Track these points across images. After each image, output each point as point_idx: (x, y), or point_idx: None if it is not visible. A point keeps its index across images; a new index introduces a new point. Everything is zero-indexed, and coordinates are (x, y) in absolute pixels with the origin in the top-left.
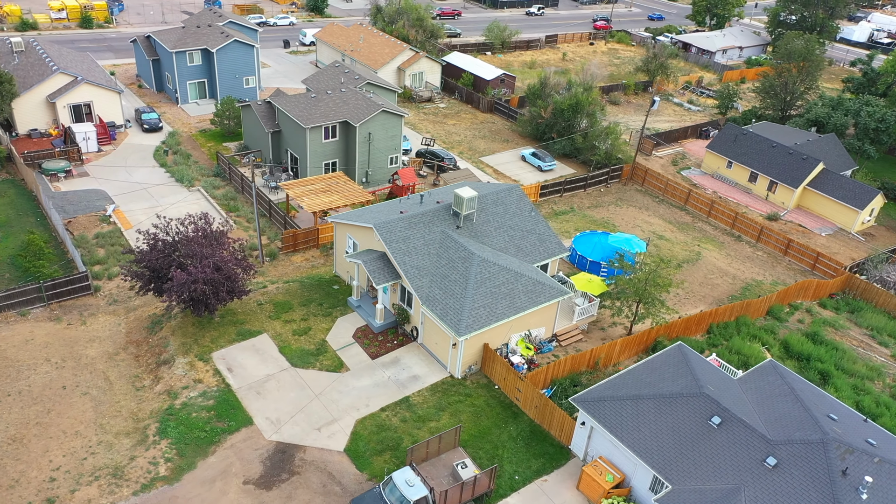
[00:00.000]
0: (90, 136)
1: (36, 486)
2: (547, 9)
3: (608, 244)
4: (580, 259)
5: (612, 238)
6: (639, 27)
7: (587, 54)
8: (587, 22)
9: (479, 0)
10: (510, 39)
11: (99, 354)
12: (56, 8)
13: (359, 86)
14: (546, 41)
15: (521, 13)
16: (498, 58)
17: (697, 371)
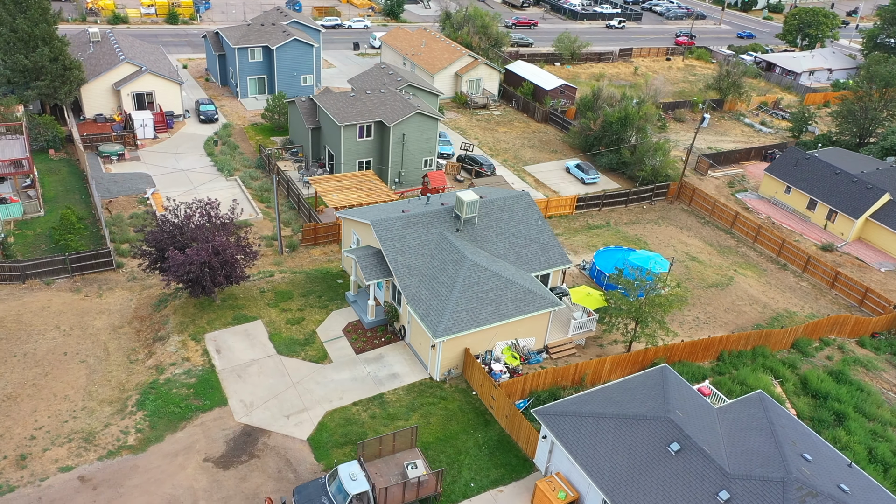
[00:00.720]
0: (147, 123)
1: (16, 442)
2: (630, 22)
3: (628, 261)
4: (598, 274)
5: (634, 255)
6: (723, 44)
7: (661, 69)
8: (669, 37)
9: (559, 11)
10: (580, 51)
11: (105, 326)
12: (146, 4)
13: (399, 87)
14: (620, 54)
15: (601, 26)
16: (566, 69)
17: (671, 395)
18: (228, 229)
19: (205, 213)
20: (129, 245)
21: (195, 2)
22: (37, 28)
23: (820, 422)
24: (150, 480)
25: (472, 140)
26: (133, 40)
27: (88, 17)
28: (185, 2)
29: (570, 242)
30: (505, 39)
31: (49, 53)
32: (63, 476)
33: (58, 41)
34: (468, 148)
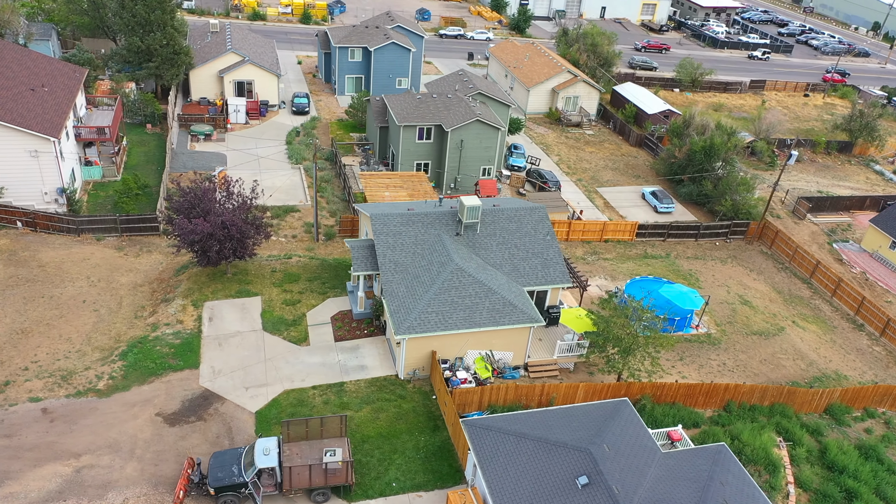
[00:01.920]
0: (240, 109)
1: (10, 370)
2: (777, 55)
3: (658, 293)
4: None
5: (666, 288)
6: (879, 85)
7: (794, 105)
8: (818, 73)
9: (699, 38)
10: (702, 78)
11: (128, 283)
12: (284, 4)
13: (469, 94)
14: (750, 86)
15: (743, 56)
16: (685, 96)
17: (610, 430)
18: (245, 207)
19: (223, 189)
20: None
21: (329, 5)
22: (152, 14)
23: (824, 496)
24: (102, 423)
25: (554, 157)
26: (248, 34)
27: (232, 11)
28: (320, 4)
29: (613, 268)
30: (615, 60)
31: (161, 38)
32: (30, 405)
33: (170, 27)
34: (534, 162)
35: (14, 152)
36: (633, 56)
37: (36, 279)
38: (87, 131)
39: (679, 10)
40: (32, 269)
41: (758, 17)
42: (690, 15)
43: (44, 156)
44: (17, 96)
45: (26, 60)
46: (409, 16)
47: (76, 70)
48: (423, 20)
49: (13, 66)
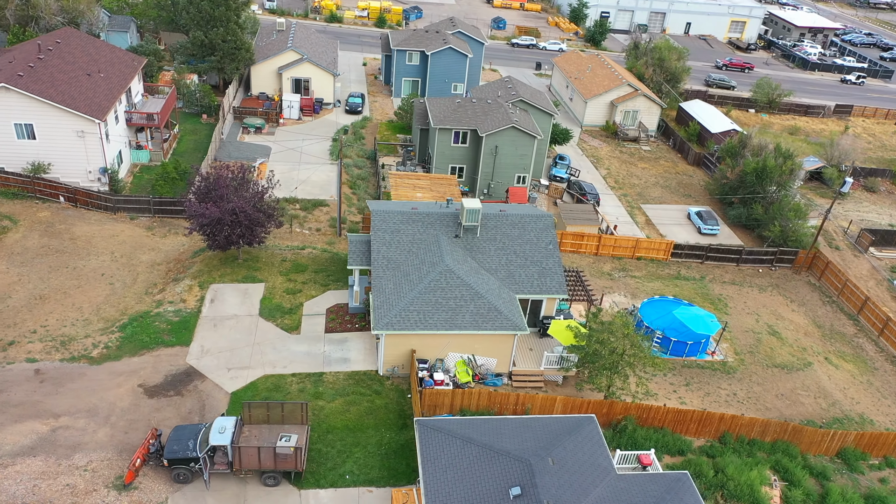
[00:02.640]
0: (294, 105)
1: (20, 331)
2: (875, 80)
3: (672, 315)
4: (638, 323)
5: (681, 310)
6: None
7: (882, 133)
8: None
9: (789, 58)
10: (779, 100)
11: (147, 261)
12: (361, 7)
13: (510, 101)
14: (835, 110)
15: (835, 79)
16: (760, 117)
17: (562, 444)
18: (258, 196)
19: (238, 177)
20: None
21: (406, 10)
22: (216, 10)
23: None
24: (87, 388)
25: (603, 170)
26: (312, 33)
27: (311, 13)
28: (395, 9)
29: (638, 286)
30: (683, 75)
31: (223, 33)
32: (25, 365)
33: (233, 24)
34: (575, 174)
35: (62, 131)
36: (710, 74)
37: (65, 250)
38: (138, 117)
39: (772, 28)
40: (64, 240)
41: (860, 39)
42: (783, 35)
43: (89, 136)
44: (73, 80)
45: (89, 48)
46: (485, 24)
47: (134, 59)
48: (498, 28)
49: (76, 52)
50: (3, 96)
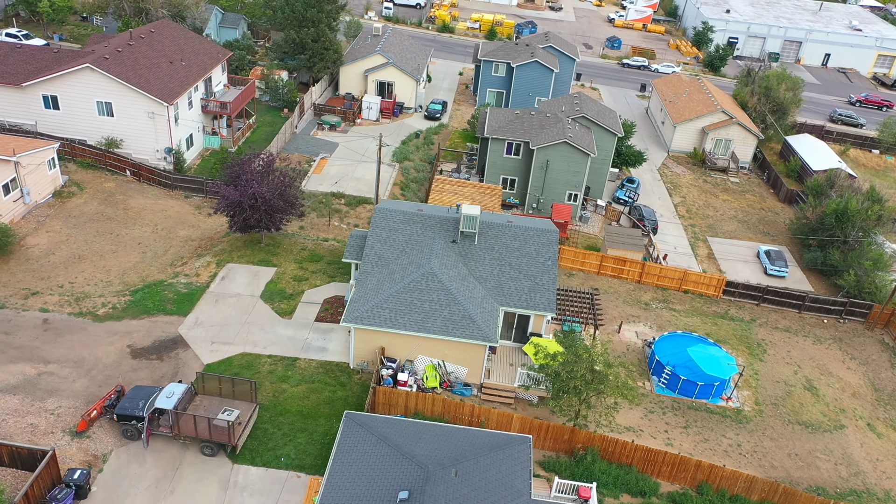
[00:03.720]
0: (373, 107)
1: (49, 283)
2: None
3: (686, 352)
4: (657, 364)
5: (697, 349)
6: None
7: None
8: None
9: None
10: None
11: (183, 236)
12: (473, 19)
13: (572, 116)
14: None
15: None
16: (885, 159)
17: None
18: (281, 184)
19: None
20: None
21: (519, 25)
22: (308, 12)
23: None
24: (82, 342)
25: (677, 198)
26: (405, 39)
27: (425, 22)
28: (508, 22)
29: (672, 319)
30: (791, 107)
31: (314, 33)
32: (37, 314)
33: (324, 25)
34: (635, 198)
35: (136, 111)
36: (836, 109)
37: (115, 219)
38: (213, 105)
39: None
40: (118, 210)
41: None
42: None
43: (158, 118)
44: (154, 66)
45: (179, 39)
46: (598, 42)
47: (220, 52)
48: (612, 48)
49: (165, 41)
50: (88, 76)
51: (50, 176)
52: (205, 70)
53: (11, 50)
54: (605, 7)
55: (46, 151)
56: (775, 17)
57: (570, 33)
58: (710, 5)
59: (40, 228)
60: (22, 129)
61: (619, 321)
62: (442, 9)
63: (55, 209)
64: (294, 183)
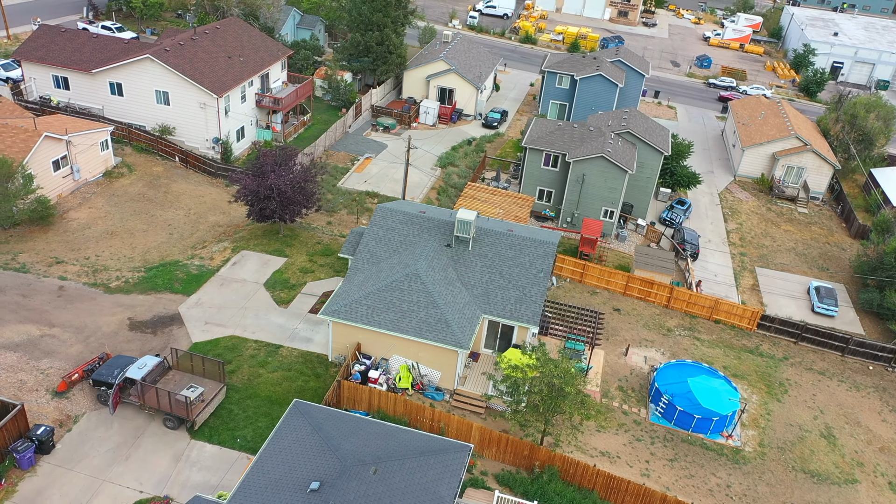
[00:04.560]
0: (430, 112)
1: (76, 255)
2: None
3: (686, 382)
4: (656, 393)
5: (697, 379)
6: None
7: None
8: None
9: None
10: None
11: (213, 221)
12: (557, 31)
13: (617, 132)
14: None
15: None
16: None
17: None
18: (299, 178)
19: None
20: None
21: (604, 39)
22: (374, 16)
23: None
24: (88, 310)
25: (733, 224)
26: (473, 46)
27: (508, 33)
28: (592, 36)
29: (692, 348)
30: (879, 137)
31: (377, 37)
32: (55, 280)
33: (388, 29)
34: (681, 221)
35: (189, 101)
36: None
37: (154, 200)
38: (267, 100)
39: None
40: (159, 193)
41: None
42: None
43: (209, 109)
44: (212, 60)
45: (243, 35)
46: (687, 60)
47: (280, 50)
48: (701, 67)
49: (228, 37)
50: (147, 66)
51: (102, 156)
52: (261, 66)
53: (88, 39)
54: (703, 25)
55: (99, 133)
56: (889, 43)
57: (660, 50)
58: (817, 27)
59: (84, 204)
60: (90, 113)
61: (627, 343)
62: (530, 20)
63: (102, 188)
64: (314, 178)
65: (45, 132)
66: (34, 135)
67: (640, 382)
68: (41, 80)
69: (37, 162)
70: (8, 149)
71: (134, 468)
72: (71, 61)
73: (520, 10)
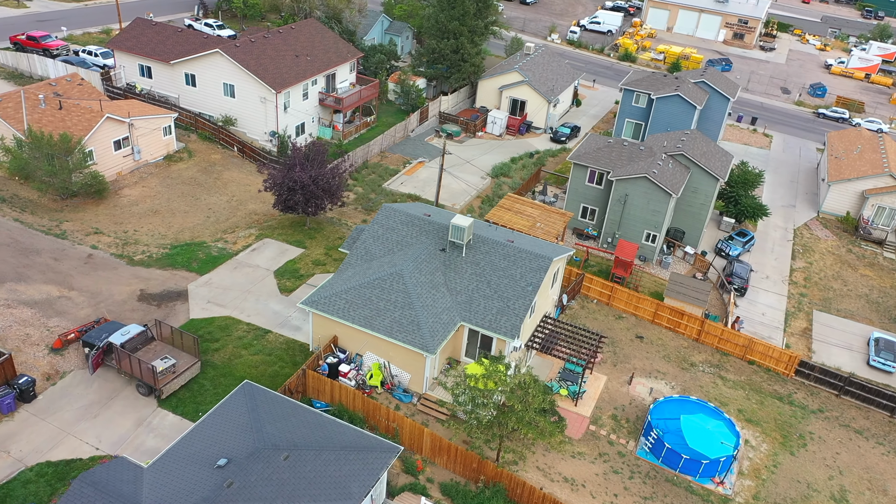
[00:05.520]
0: (497, 122)
1: (117, 227)
2: None
3: (677, 420)
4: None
5: (692, 417)
6: None
7: None
8: None
9: None
10: None
11: (251, 209)
12: (658, 51)
13: (670, 153)
14: None
15: None
16: None
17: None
18: (331, 173)
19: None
20: (352, 180)
21: (710, 61)
22: (451, 24)
23: None
24: (106, 279)
25: (800, 262)
26: (554, 59)
27: (608, 50)
28: (696, 56)
29: (709, 387)
30: None
31: (452, 45)
32: (87, 249)
33: (464, 38)
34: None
35: (251, 95)
36: None
37: (203, 185)
38: (331, 100)
39: None
40: (210, 178)
41: None
42: None
43: (268, 103)
44: (278, 57)
45: (315, 36)
46: (799, 88)
47: (350, 52)
48: (815, 96)
49: (300, 37)
50: (217, 60)
51: (164, 140)
52: (327, 66)
53: (174, 33)
54: (828, 52)
55: (162, 119)
56: None
57: (772, 75)
58: None
59: (139, 183)
60: (167, 100)
61: (632, 372)
62: (635, 37)
63: (159, 170)
64: (341, 175)
65: (108, 114)
66: (98, 115)
67: (638, 414)
68: (129, 69)
69: (98, 140)
70: (74, 126)
71: (99, 426)
72: (155, 52)
73: (626, 28)
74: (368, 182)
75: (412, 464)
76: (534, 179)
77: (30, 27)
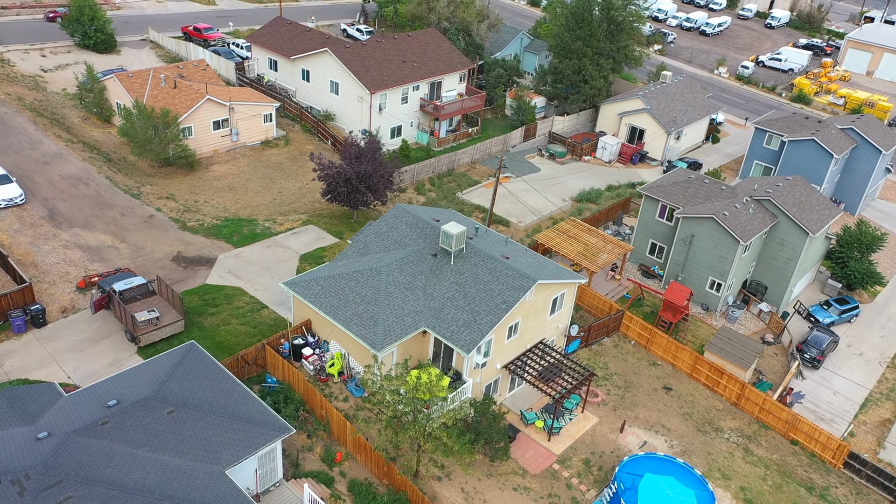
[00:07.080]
0: (608, 148)
1: (191, 197)
2: None
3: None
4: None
5: (656, 479)
6: None
7: None
8: None
9: None
10: None
11: (316, 198)
12: (839, 95)
13: (755, 197)
14: None
15: None
16: None
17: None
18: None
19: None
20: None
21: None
22: (574, 44)
23: None
24: (154, 237)
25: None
26: (695, 91)
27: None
28: (884, 105)
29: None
30: None
31: (574, 65)
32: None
33: (586, 59)
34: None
35: (350, 94)
36: None
37: (284, 170)
38: (431, 107)
39: None
40: (295, 165)
41: None
42: None
43: (364, 103)
44: (385, 61)
45: (430, 45)
46: None
47: (461, 62)
48: None
49: (414, 45)
50: (326, 58)
51: (264, 127)
52: (433, 74)
53: (302, 32)
54: None
55: (264, 107)
56: None
57: None
58: None
59: (230, 162)
60: (286, 92)
61: (623, 420)
62: (820, 78)
63: (253, 152)
64: (389, 171)
65: (209, 96)
66: (200, 96)
67: (615, 464)
68: (261, 61)
69: (198, 119)
70: (180, 104)
71: (80, 359)
72: (282, 48)
73: (813, 67)
74: (445, 189)
75: (332, 454)
76: (617, 208)
77: (211, 21)
